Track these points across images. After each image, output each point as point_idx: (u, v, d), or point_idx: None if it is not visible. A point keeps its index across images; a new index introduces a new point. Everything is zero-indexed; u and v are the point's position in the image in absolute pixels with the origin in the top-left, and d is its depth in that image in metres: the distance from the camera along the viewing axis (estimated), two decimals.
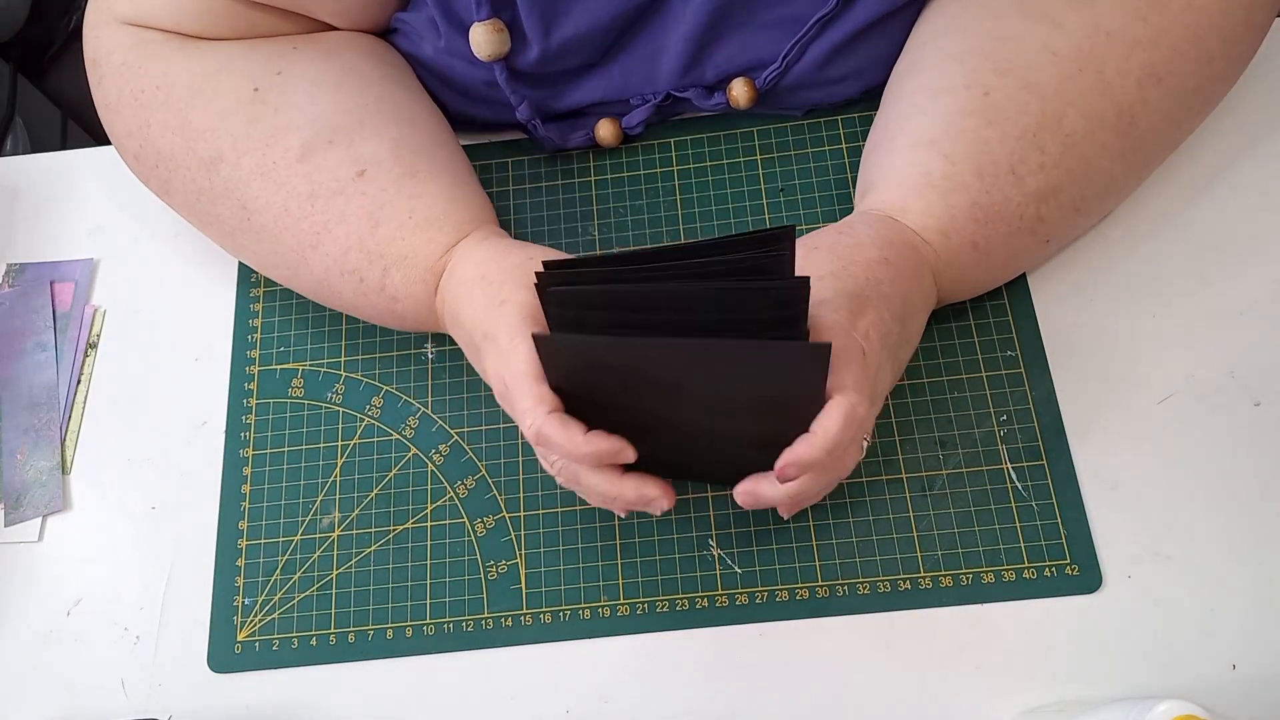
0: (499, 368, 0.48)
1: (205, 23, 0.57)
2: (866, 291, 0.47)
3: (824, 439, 0.43)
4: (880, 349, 0.47)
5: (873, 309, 0.47)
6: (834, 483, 0.49)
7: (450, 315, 0.52)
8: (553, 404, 0.45)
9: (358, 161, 0.54)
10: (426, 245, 0.53)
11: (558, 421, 0.45)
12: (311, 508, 0.57)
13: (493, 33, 0.55)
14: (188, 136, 0.55)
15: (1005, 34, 0.52)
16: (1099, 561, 0.52)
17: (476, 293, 0.50)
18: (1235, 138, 0.60)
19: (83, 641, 0.56)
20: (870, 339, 0.46)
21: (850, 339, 0.45)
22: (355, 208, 0.53)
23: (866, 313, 0.47)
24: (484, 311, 0.49)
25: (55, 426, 0.61)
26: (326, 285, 0.55)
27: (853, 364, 0.44)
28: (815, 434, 0.44)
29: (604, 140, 0.63)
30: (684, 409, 0.46)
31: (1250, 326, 0.56)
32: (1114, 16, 0.51)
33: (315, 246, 0.54)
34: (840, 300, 0.47)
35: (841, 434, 0.43)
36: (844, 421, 0.43)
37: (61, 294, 0.65)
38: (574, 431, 0.45)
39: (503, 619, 0.54)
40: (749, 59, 0.59)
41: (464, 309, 0.50)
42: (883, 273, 0.48)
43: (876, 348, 0.46)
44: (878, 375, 0.47)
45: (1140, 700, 0.41)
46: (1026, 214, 0.51)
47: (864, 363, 0.45)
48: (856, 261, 0.48)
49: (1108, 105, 0.51)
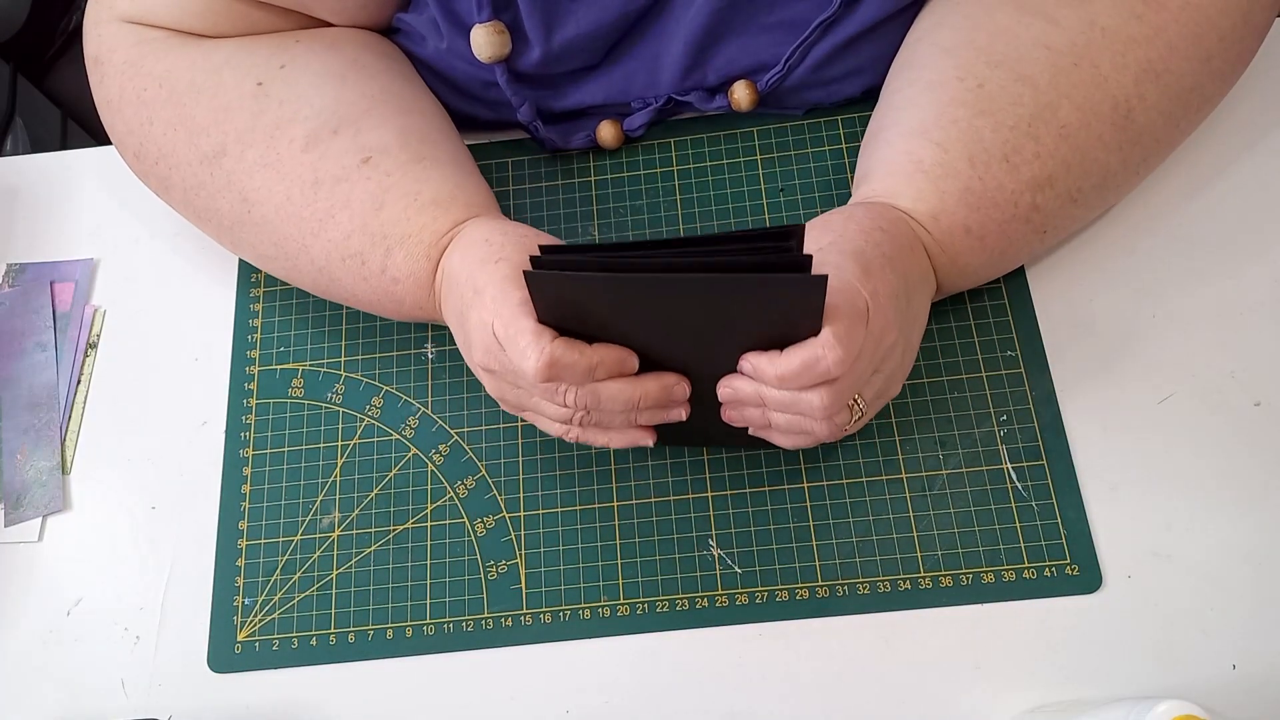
0: (488, 317, 0.47)
1: (207, 20, 0.57)
2: (868, 252, 0.47)
3: (780, 366, 0.44)
4: (890, 309, 0.46)
5: (878, 269, 0.47)
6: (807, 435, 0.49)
7: (448, 284, 0.51)
8: (553, 333, 0.45)
9: (363, 150, 0.54)
10: (432, 223, 0.53)
11: (565, 343, 0.45)
12: (311, 508, 0.57)
13: (494, 34, 0.55)
14: (190, 132, 0.55)
15: (999, 29, 0.52)
16: (1099, 561, 0.52)
17: (477, 251, 0.50)
18: (1235, 138, 0.60)
19: (83, 641, 0.56)
20: (879, 296, 0.46)
21: (856, 293, 0.45)
22: (360, 193, 0.53)
23: (873, 272, 0.47)
24: (479, 266, 0.49)
25: (55, 426, 0.61)
26: (326, 273, 0.55)
27: (844, 314, 0.44)
28: (776, 359, 0.45)
29: (605, 142, 0.63)
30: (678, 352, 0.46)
31: (1250, 326, 0.56)
32: (1109, 13, 0.51)
33: (317, 234, 0.54)
34: (845, 260, 0.46)
35: (800, 372, 0.44)
36: (805, 361, 0.44)
37: (61, 294, 0.65)
38: (584, 348, 0.45)
39: (503, 619, 0.54)
40: (750, 61, 0.59)
41: (462, 270, 0.50)
42: (880, 237, 0.48)
43: (885, 305, 0.46)
44: (882, 335, 0.46)
45: (1140, 700, 0.41)
46: (1021, 201, 0.51)
47: (862, 319, 0.45)
48: (851, 229, 0.49)
49: (1103, 98, 0.51)
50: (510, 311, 0.46)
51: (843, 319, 0.44)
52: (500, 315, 0.46)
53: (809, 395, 0.45)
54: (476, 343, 0.49)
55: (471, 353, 0.50)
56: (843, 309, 0.44)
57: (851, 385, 0.46)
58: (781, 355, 0.45)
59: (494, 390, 0.51)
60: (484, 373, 0.50)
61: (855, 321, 0.44)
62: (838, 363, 0.44)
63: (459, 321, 0.51)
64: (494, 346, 0.47)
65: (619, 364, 0.47)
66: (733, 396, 0.48)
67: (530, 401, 0.50)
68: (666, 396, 0.48)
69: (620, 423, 0.49)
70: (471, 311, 0.49)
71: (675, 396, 0.48)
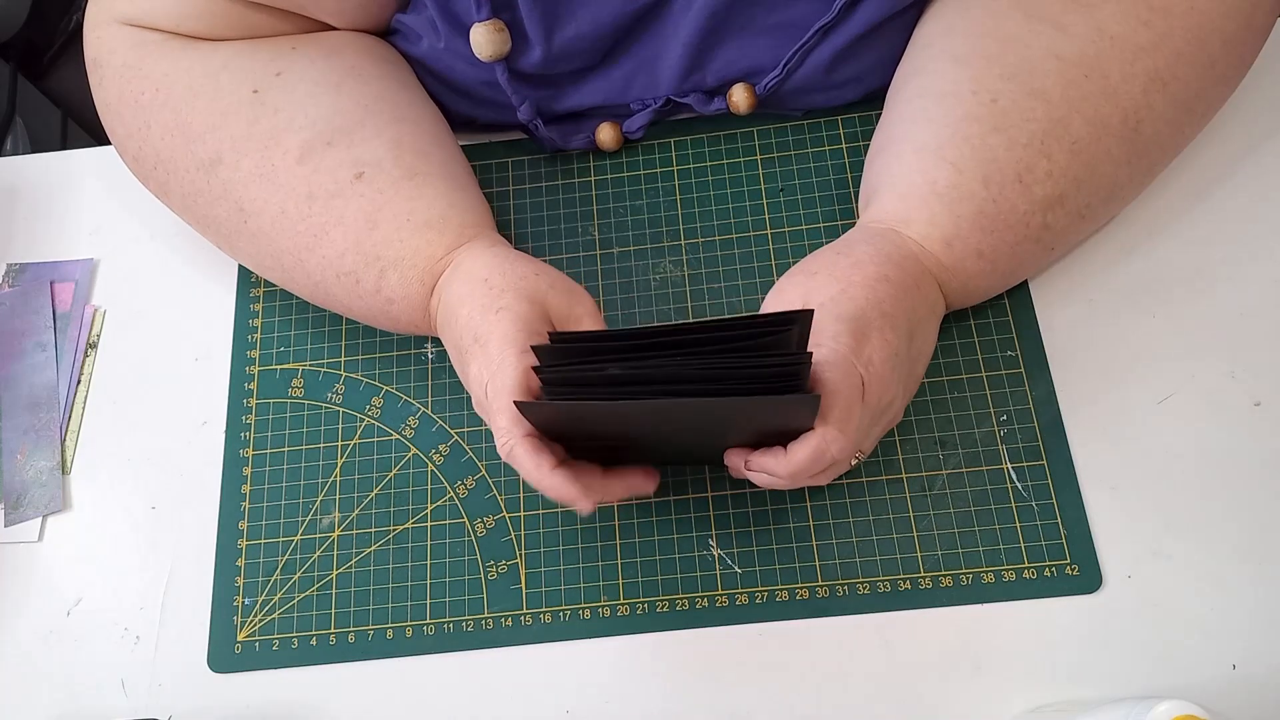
0: (484, 375, 0.48)
1: (205, 24, 0.57)
2: (868, 313, 0.47)
3: (789, 465, 0.46)
4: (887, 372, 0.47)
5: (876, 332, 0.47)
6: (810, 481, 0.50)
7: (446, 314, 0.52)
8: (529, 426, 0.46)
9: (356, 164, 0.54)
10: (426, 247, 0.53)
11: (531, 447, 0.46)
12: (311, 508, 0.57)
13: (493, 33, 0.55)
14: (187, 138, 0.55)
15: (1009, 37, 0.52)
16: (1099, 561, 0.52)
17: (478, 294, 0.50)
18: (1235, 139, 0.60)
19: (83, 641, 0.56)
20: (873, 365, 0.46)
21: (850, 369, 0.46)
22: (353, 210, 0.53)
23: (870, 338, 0.47)
24: (480, 314, 0.49)
25: (55, 426, 0.61)
26: (322, 288, 0.55)
27: (842, 397, 0.45)
28: (783, 457, 0.46)
29: (604, 144, 0.63)
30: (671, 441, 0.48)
31: (1250, 326, 0.56)
32: (1117, 21, 0.51)
33: (311, 249, 0.54)
34: (841, 328, 0.47)
35: (809, 466, 0.45)
36: (812, 456, 0.45)
37: (61, 294, 0.65)
38: (543, 461, 0.46)
39: (503, 619, 0.54)
40: (749, 64, 0.59)
41: (462, 308, 0.50)
42: (883, 291, 0.48)
43: (882, 373, 0.47)
44: (880, 399, 0.47)
45: (1140, 700, 0.41)
46: (1033, 222, 0.51)
47: (860, 394, 0.46)
48: (855, 282, 0.48)
49: (1113, 111, 0.51)
50: (501, 382, 0.47)
51: (841, 402, 0.45)
52: (494, 382, 0.47)
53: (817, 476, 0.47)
54: (474, 391, 0.50)
55: (469, 388, 0.51)
56: (840, 391, 0.45)
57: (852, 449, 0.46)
58: (787, 454, 0.46)
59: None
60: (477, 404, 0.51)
61: (853, 401, 0.45)
62: (842, 450, 0.45)
63: (457, 356, 0.52)
64: (483, 401, 0.49)
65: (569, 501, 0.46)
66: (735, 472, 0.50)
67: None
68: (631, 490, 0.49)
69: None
70: (472, 362, 0.49)
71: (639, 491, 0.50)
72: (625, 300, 0.60)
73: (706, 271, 0.60)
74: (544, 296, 0.50)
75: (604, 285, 0.61)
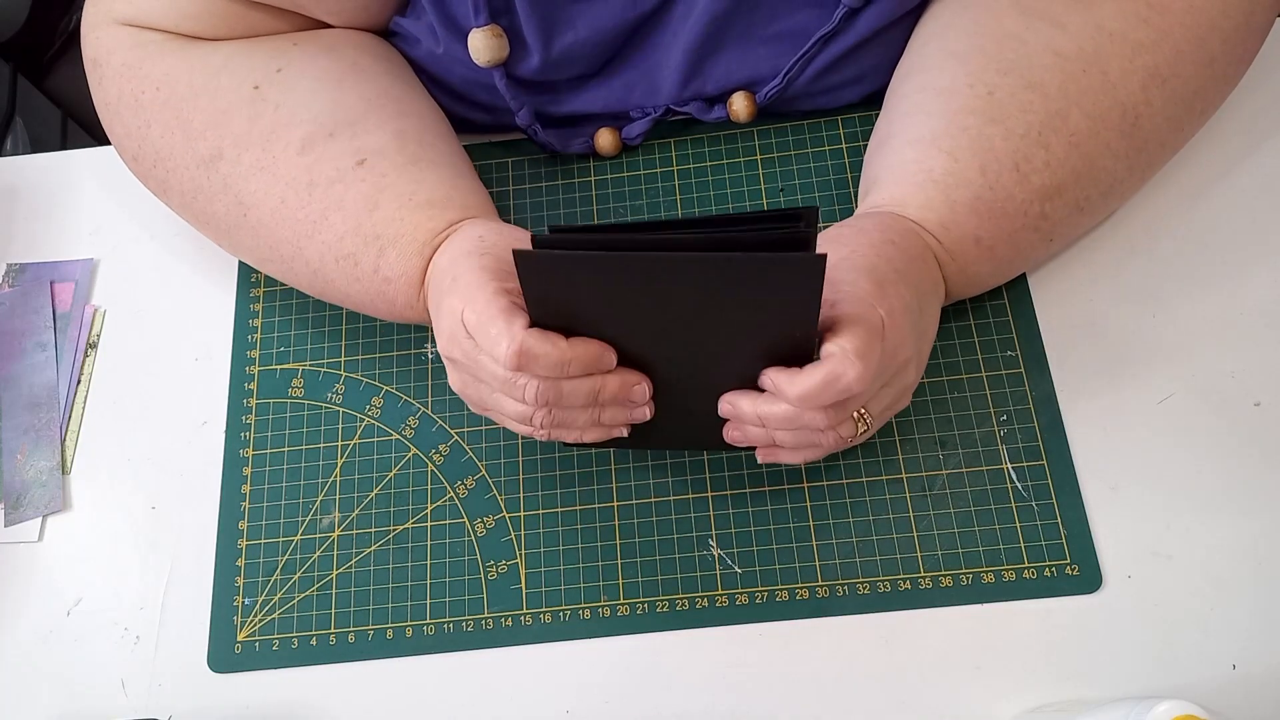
0: (459, 304, 0.46)
1: (204, 23, 0.57)
2: (881, 267, 0.47)
3: (802, 386, 0.44)
4: (905, 323, 0.46)
5: (891, 284, 0.47)
6: (814, 449, 0.49)
7: (435, 274, 0.51)
8: (526, 319, 0.45)
9: (358, 152, 0.54)
10: (427, 222, 0.52)
11: (538, 333, 0.44)
12: (311, 508, 0.57)
13: (491, 38, 0.55)
14: (188, 136, 0.55)
15: (1007, 34, 0.52)
16: (1099, 561, 0.52)
17: (467, 246, 0.50)
18: (1235, 138, 0.60)
19: (83, 641, 0.56)
20: (894, 313, 0.46)
21: (871, 309, 0.45)
22: (354, 194, 0.53)
23: (887, 287, 0.46)
24: (462, 258, 0.48)
25: (55, 426, 0.61)
26: (321, 275, 0.55)
27: (861, 329, 0.44)
28: (797, 376, 0.44)
29: (603, 150, 0.63)
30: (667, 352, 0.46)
31: (1250, 326, 0.56)
32: (1115, 18, 0.51)
33: (311, 235, 0.54)
34: (858, 276, 0.46)
35: (821, 390, 0.44)
36: (826, 378, 0.43)
37: (61, 294, 0.65)
38: (557, 339, 0.44)
39: (503, 619, 0.54)
40: (749, 73, 0.59)
41: (444, 258, 0.50)
42: (892, 251, 0.48)
43: (900, 322, 0.46)
44: (896, 351, 0.46)
45: (1140, 700, 0.41)
46: (1031, 211, 0.51)
47: (879, 334, 0.45)
48: (862, 244, 0.48)
49: (1112, 105, 0.51)
50: (484, 299, 0.45)
51: (859, 334, 0.44)
52: (473, 302, 0.46)
53: (812, 412, 0.45)
54: (444, 329, 0.48)
55: (439, 339, 0.49)
56: (860, 324, 0.44)
57: (858, 399, 0.46)
58: (802, 373, 0.44)
59: (456, 384, 0.51)
60: (448, 362, 0.50)
61: (873, 337, 0.44)
62: (859, 379, 0.43)
63: (435, 310, 0.50)
64: (460, 334, 0.47)
65: (594, 361, 0.45)
66: (733, 413, 0.48)
67: (491, 398, 0.49)
68: (626, 393, 0.47)
69: (584, 421, 0.49)
70: (445, 299, 0.48)
71: (635, 397, 0.48)
72: None
73: None
74: None
75: None
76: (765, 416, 0.47)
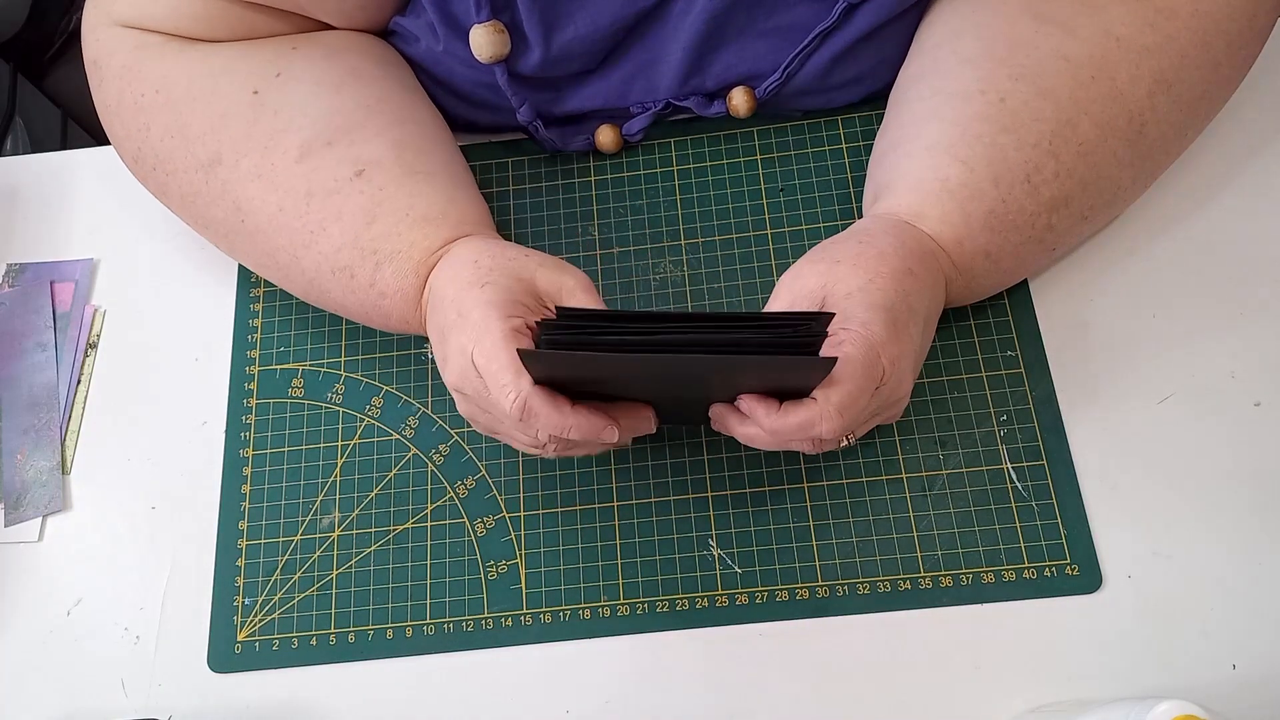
0: (468, 345, 0.47)
1: (204, 25, 0.57)
2: (898, 306, 0.47)
3: (777, 422, 0.45)
4: (906, 371, 0.47)
5: (904, 327, 0.47)
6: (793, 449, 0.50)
7: (434, 299, 0.51)
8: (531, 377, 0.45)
9: (356, 162, 0.54)
10: (423, 240, 0.52)
11: (544, 396, 0.45)
12: (311, 508, 0.57)
13: (493, 34, 0.55)
14: (186, 139, 0.55)
15: (1018, 38, 0.52)
16: (1099, 561, 0.52)
17: (465, 273, 0.50)
18: (1236, 140, 0.60)
19: (83, 641, 0.56)
20: (898, 360, 0.46)
21: (874, 360, 0.45)
22: (351, 206, 0.53)
23: (900, 333, 0.46)
24: (465, 289, 0.49)
25: (55, 426, 0.61)
26: (317, 285, 0.55)
27: (852, 386, 0.45)
28: (774, 412, 0.45)
29: (604, 146, 0.63)
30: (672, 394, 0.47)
31: (1250, 326, 0.56)
32: (1124, 23, 0.51)
33: (308, 245, 0.54)
34: (873, 316, 0.46)
35: (794, 432, 0.45)
36: (802, 424, 0.45)
37: (61, 294, 0.65)
38: (562, 403, 0.45)
39: (503, 619, 0.54)
40: (749, 68, 0.59)
41: (449, 287, 0.50)
42: (910, 285, 0.48)
43: (902, 372, 0.47)
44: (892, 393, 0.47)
45: (1140, 700, 0.41)
46: (1038, 224, 0.51)
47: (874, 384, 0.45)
48: (883, 273, 0.48)
49: (1119, 113, 0.51)
50: (491, 342, 0.46)
51: (849, 389, 0.44)
52: (481, 345, 0.46)
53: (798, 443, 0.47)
54: (453, 366, 0.48)
55: (446, 372, 0.50)
56: (856, 374, 0.44)
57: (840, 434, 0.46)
58: (779, 412, 0.45)
59: (464, 412, 0.51)
60: (456, 394, 0.50)
61: (864, 387, 0.45)
62: (831, 432, 0.45)
63: (439, 338, 0.50)
64: (470, 373, 0.47)
65: (594, 434, 0.46)
66: (720, 424, 0.49)
67: (501, 427, 0.50)
68: (633, 429, 0.49)
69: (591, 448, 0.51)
70: (453, 335, 0.48)
71: (640, 429, 0.49)
72: (625, 301, 0.60)
73: (706, 271, 0.60)
74: (532, 274, 0.50)
75: (604, 285, 0.61)
76: (750, 439, 0.48)
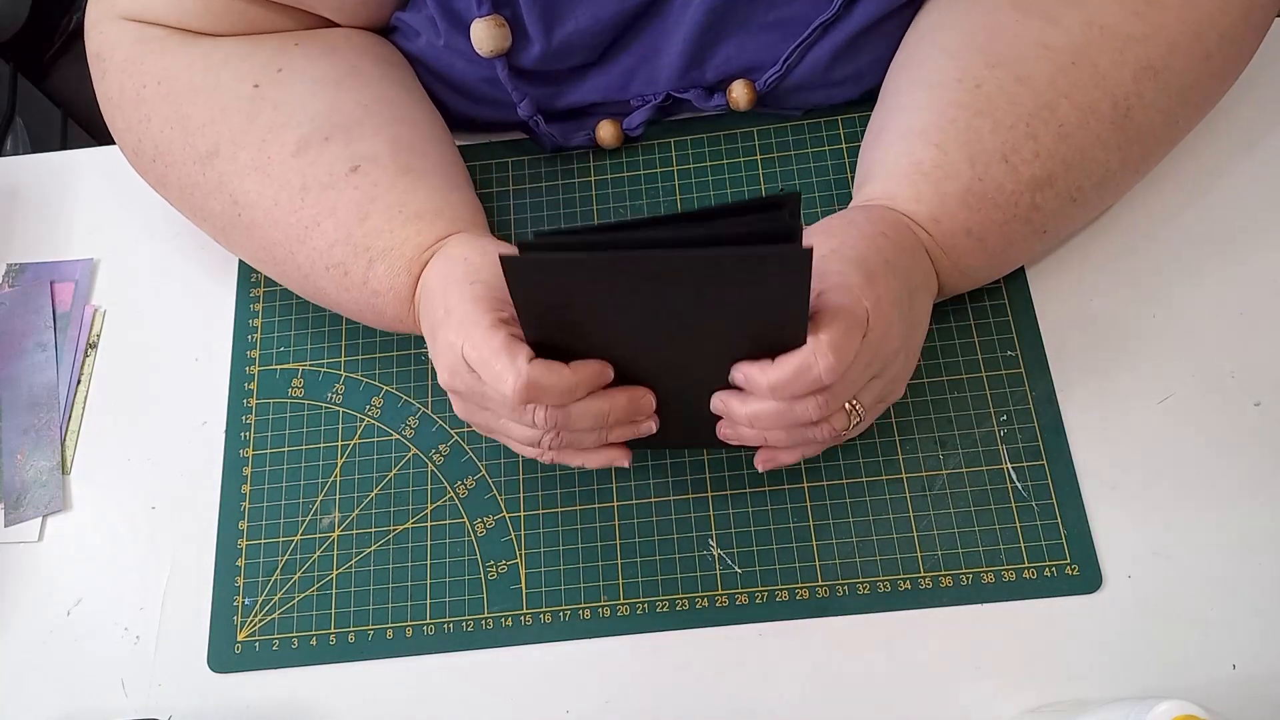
0: (456, 340, 0.47)
1: (207, 19, 0.57)
2: (871, 258, 0.47)
3: (773, 376, 0.44)
4: (892, 315, 0.46)
5: (881, 275, 0.47)
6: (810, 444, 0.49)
7: (425, 295, 0.51)
8: (529, 352, 0.45)
9: (353, 158, 0.54)
10: (415, 237, 0.52)
11: (543, 365, 0.45)
12: (311, 508, 0.57)
13: (494, 27, 0.55)
14: (186, 131, 0.55)
15: (998, 29, 0.52)
16: (1099, 561, 0.52)
17: (455, 270, 0.49)
18: (1235, 137, 0.60)
19: (83, 641, 0.56)
20: (881, 303, 0.46)
21: (856, 300, 0.45)
22: (345, 201, 0.53)
23: (875, 278, 0.46)
24: (453, 285, 0.48)
25: (55, 426, 0.61)
26: (312, 281, 0.55)
27: (840, 322, 0.44)
28: (768, 367, 0.44)
29: (605, 141, 0.63)
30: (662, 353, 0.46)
31: (1250, 326, 0.56)
32: (1107, 12, 0.51)
33: (303, 240, 0.54)
34: (847, 267, 0.46)
35: (793, 380, 0.44)
36: (798, 368, 0.44)
37: (61, 294, 0.65)
38: (562, 369, 0.45)
39: (503, 619, 0.54)
40: (749, 60, 0.59)
41: (439, 284, 0.50)
42: (882, 243, 0.48)
43: (887, 312, 0.46)
44: (883, 341, 0.46)
45: (1140, 700, 0.41)
46: (1021, 202, 0.51)
47: (861, 326, 0.45)
48: (852, 235, 0.48)
49: (1102, 97, 0.51)
50: (480, 334, 0.45)
51: (838, 325, 0.44)
52: (470, 338, 0.46)
53: (801, 405, 0.45)
54: (444, 363, 0.48)
55: (438, 371, 0.49)
56: (841, 315, 0.44)
57: (846, 391, 0.46)
58: (773, 364, 0.44)
59: (461, 412, 0.51)
60: (451, 393, 0.50)
61: (852, 328, 0.44)
62: (829, 370, 0.43)
63: (430, 337, 0.50)
64: (461, 369, 0.47)
65: (596, 379, 0.46)
66: (725, 411, 0.48)
67: (498, 424, 0.49)
68: (634, 408, 0.48)
69: (591, 441, 0.49)
70: (441, 331, 0.48)
71: (642, 408, 0.48)
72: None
73: None
74: None
75: None
76: (756, 417, 0.47)
